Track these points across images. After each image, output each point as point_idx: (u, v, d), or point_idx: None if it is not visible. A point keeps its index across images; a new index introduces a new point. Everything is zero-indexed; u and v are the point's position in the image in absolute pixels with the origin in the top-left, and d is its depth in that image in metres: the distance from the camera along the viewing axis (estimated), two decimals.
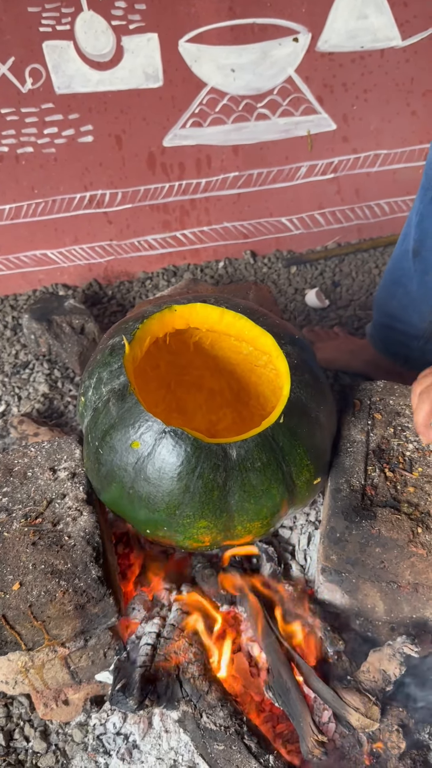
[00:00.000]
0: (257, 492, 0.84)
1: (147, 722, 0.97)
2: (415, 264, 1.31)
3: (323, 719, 0.92)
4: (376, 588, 0.91)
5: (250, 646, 0.99)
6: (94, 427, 0.88)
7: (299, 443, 0.86)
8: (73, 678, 0.96)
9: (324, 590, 0.97)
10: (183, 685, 0.90)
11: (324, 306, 1.83)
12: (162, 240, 1.93)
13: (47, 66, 1.51)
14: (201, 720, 0.88)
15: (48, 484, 0.96)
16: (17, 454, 1.01)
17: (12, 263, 1.87)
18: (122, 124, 1.65)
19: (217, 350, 1.07)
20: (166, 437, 0.82)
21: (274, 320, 0.97)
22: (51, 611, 0.84)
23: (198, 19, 1.50)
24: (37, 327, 1.66)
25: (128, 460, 0.84)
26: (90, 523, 0.91)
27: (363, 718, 0.87)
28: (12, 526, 0.91)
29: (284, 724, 0.95)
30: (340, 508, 0.90)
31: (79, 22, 1.46)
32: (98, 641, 0.93)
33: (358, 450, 0.97)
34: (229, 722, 0.87)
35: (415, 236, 1.28)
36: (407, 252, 1.32)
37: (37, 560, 0.86)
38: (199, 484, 0.82)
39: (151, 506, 0.84)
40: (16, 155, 1.64)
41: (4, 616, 0.83)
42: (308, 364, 0.93)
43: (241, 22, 1.52)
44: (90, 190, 1.76)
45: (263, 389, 1.10)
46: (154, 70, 1.57)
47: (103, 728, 0.99)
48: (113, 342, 0.92)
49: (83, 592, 0.85)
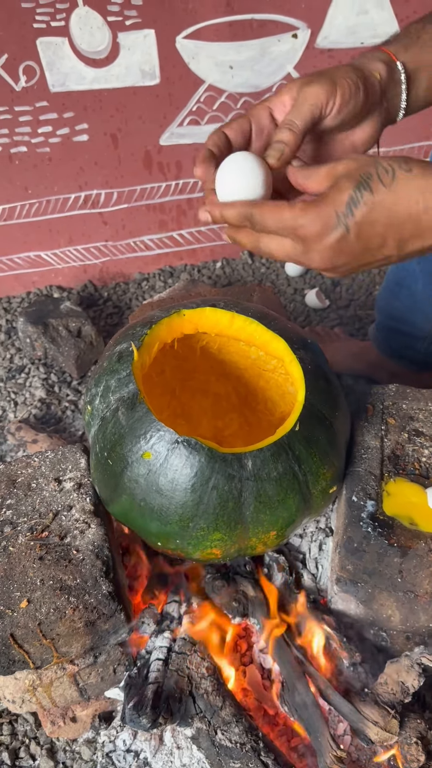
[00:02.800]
0: (273, 503, 0.81)
1: (158, 739, 0.94)
2: (419, 264, 1.29)
3: (338, 732, 0.90)
4: (393, 598, 0.89)
5: (262, 658, 0.97)
6: (102, 437, 0.85)
7: (315, 451, 0.84)
8: (81, 695, 0.93)
9: (338, 600, 0.95)
10: (196, 700, 0.88)
11: (324, 306, 1.81)
12: (158, 240, 1.90)
13: (41, 63, 1.48)
14: (216, 737, 0.86)
15: (53, 496, 0.93)
16: (20, 465, 0.98)
17: (5, 265, 1.83)
18: (118, 122, 1.61)
19: (224, 354, 1.05)
20: (178, 447, 0.79)
21: (285, 324, 0.94)
22: (60, 629, 0.81)
23: (195, 15, 1.47)
24: (33, 330, 1.63)
25: (139, 471, 0.81)
26: (98, 536, 0.88)
27: (382, 732, 0.85)
28: (17, 540, 0.88)
29: (299, 738, 0.93)
30: (357, 517, 0.88)
31: (74, 18, 1.43)
32: (108, 657, 0.90)
33: (372, 456, 0.95)
34: (245, 738, 0.85)
35: None
36: None
37: (45, 576, 0.83)
38: (213, 495, 0.79)
39: (164, 519, 0.81)
40: (10, 155, 1.61)
41: (12, 635, 0.80)
42: (322, 369, 0.90)
43: (239, 18, 1.49)
44: (85, 190, 1.72)
45: (271, 394, 1.08)
46: (151, 68, 1.53)
47: (113, 745, 0.97)
48: (120, 348, 0.89)
49: (94, 609, 0.82)
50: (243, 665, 0.96)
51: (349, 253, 0.68)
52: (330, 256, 0.68)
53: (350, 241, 0.67)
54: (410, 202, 0.65)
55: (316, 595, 1.01)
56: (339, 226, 0.66)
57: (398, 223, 0.66)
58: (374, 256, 0.69)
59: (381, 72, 0.77)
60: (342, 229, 0.66)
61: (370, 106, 0.77)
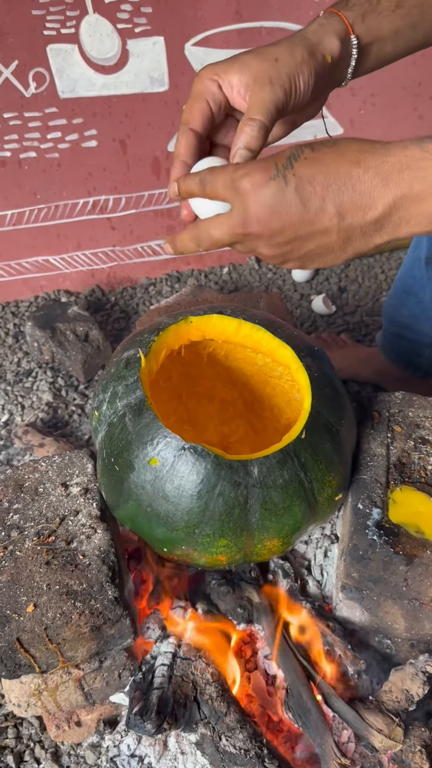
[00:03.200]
0: (279, 510, 0.81)
1: (162, 744, 0.94)
2: (427, 272, 1.29)
3: (342, 739, 0.90)
4: (398, 605, 0.89)
5: (267, 664, 0.97)
6: (109, 443, 0.86)
7: (321, 459, 0.84)
8: (86, 699, 0.93)
9: (343, 607, 0.95)
10: (201, 706, 0.88)
11: (331, 312, 1.81)
12: (165, 247, 1.90)
13: (51, 70, 1.49)
14: (220, 743, 0.86)
15: (60, 501, 0.94)
16: (27, 469, 0.99)
17: (14, 269, 1.84)
18: (127, 128, 1.62)
19: (231, 361, 1.05)
20: (185, 454, 0.79)
21: (292, 331, 0.95)
22: (66, 633, 0.82)
23: (204, 22, 1.48)
24: (41, 334, 1.64)
25: (146, 477, 0.82)
26: (105, 541, 0.88)
27: (386, 740, 0.85)
28: (24, 545, 0.88)
29: (303, 745, 0.93)
30: (362, 524, 0.88)
31: (84, 25, 1.44)
32: (113, 662, 0.91)
33: (378, 464, 0.95)
34: (249, 745, 0.85)
35: (427, 244, 1.26)
36: (419, 260, 1.30)
37: (52, 580, 0.84)
38: (219, 502, 0.79)
39: (170, 525, 0.82)
40: (19, 160, 1.62)
41: (18, 639, 0.80)
42: (328, 377, 0.91)
43: (248, 25, 1.50)
44: (93, 195, 1.73)
45: (277, 400, 1.08)
46: (160, 74, 1.54)
47: (117, 750, 0.97)
48: (128, 355, 0.90)
49: (99, 614, 0.83)
50: (247, 671, 0.96)
51: (286, 214, 0.65)
52: (267, 213, 0.65)
53: (287, 196, 0.64)
54: (350, 162, 0.63)
55: (321, 601, 1.01)
56: (277, 176, 0.64)
57: (337, 183, 0.63)
58: (313, 225, 0.65)
59: (334, 54, 0.75)
60: (280, 180, 0.64)
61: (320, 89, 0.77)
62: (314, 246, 0.68)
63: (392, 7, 0.79)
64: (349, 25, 0.76)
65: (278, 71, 0.71)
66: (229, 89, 0.74)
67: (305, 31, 0.76)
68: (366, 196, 0.63)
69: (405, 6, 0.80)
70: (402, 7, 0.80)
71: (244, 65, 0.72)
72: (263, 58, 0.72)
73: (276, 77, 0.71)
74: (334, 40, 0.75)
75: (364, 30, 0.78)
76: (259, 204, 0.65)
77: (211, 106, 0.75)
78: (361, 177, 0.63)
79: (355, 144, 0.65)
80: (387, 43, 0.81)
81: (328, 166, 0.64)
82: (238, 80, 0.73)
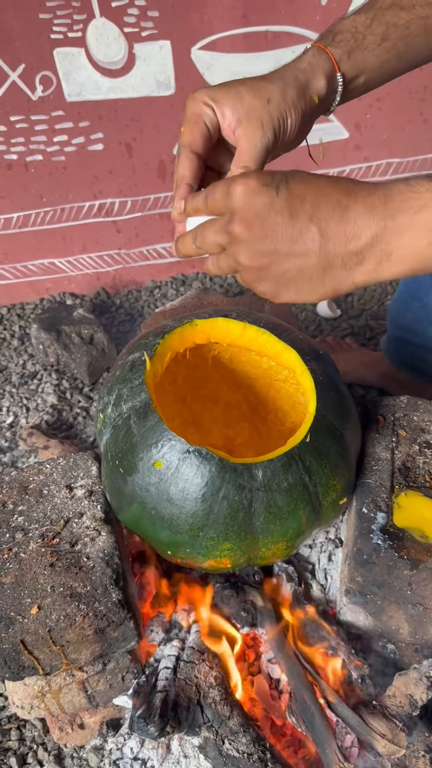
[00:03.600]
0: (283, 513, 0.81)
1: (165, 747, 0.94)
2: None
3: (345, 744, 0.89)
4: (402, 610, 0.89)
5: (270, 668, 0.97)
6: (114, 445, 0.86)
7: (326, 462, 0.84)
8: (90, 702, 0.93)
9: (347, 611, 0.95)
10: (204, 710, 0.88)
11: (335, 316, 1.81)
12: (171, 248, 1.91)
13: (58, 73, 1.50)
14: (223, 746, 0.86)
15: (65, 503, 0.94)
16: (32, 471, 0.99)
17: (19, 272, 1.85)
18: (133, 131, 1.63)
19: (236, 364, 1.05)
20: (189, 457, 0.79)
21: (297, 335, 0.95)
22: (70, 636, 0.82)
23: (211, 26, 1.48)
24: (46, 337, 1.64)
25: (150, 480, 0.82)
26: (109, 543, 0.88)
27: (390, 745, 0.85)
28: (29, 547, 0.88)
29: (306, 749, 0.93)
30: (367, 529, 0.88)
31: (90, 29, 1.44)
32: (117, 665, 0.91)
33: (383, 468, 0.95)
34: (252, 749, 0.85)
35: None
36: None
37: (56, 582, 0.84)
38: (223, 505, 0.79)
39: (174, 528, 0.82)
40: (25, 163, 1.62)
41: (22, 641, 0.80)
42: (333, 380, 0.91)
43: (254, 29, 1.50)
44: (99, 198, 1.74)
45: (282, 404, 1.08)
46: (166, 78, 1.55)
47: (120, 753, 0.97)
48: (133, 357, 0.90)
49: (103, 616, 0.83)
50: (251, 675, 0.96)
51: (271, 222, 0.65)
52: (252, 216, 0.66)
53: (276, 205, 0.65)
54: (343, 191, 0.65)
55: (325, 606, 1.01)
56: (271, 185, 0.65)
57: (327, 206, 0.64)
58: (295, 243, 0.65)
59: (321, 94, 0.78)
60: (272, 189, 0.65)
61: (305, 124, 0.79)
62: (292, 266, 0.68)
63: (378, 41, 0.81)
64: (335, 63, 0.78)
65: (269, 113, 0.73)
66: (222, 119, 0.76)
67: (297, 68, 0.78)
68: (351, 223, 0.64)
69: (390, 39, 0.81)
70: (387, 40, 0.81)
71: (237, 99, 0.74)
72: (256, 94, 0.73)
73: (267, 120, 0.73)
74: (322, 80, 0.77)
75: (349, 66, 0.80)
76: (248, 206, 0.66)
77: (209, 129, 0.77)
78: (349, 205, 0.64)
79: (350, 180, 0.67)
80: (373, 74, 0.83)
81: (322, 189, 0.65)
82: (230, 114, 0.75)
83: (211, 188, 0.71)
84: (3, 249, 1.79)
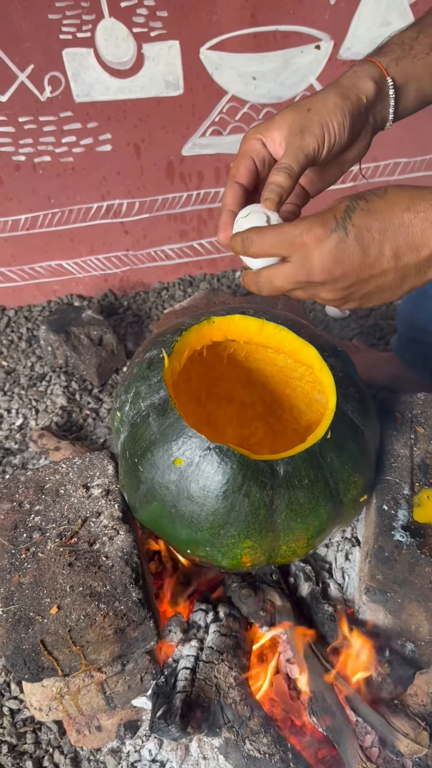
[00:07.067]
0: (304, 510, 0.81)
1: (184, 749, 0.93)
2: None
3: (366, 743, 0.88)
4: (422, 608, 0.88)
5: (289, 668, 0.96)
6: (132, 443, 0.85)
7: (346, 459, 0.83)
8: (108, 704, 0.92)
9: (366, 610, 0.94)
10: (224, 710, 0.87)
11: (344, 316, 1.80)
12: (179, 250, 1.90)
13: (67, 74, 1.49)
14: (244, 747, 0.85)
15: (81, 502, 0.93)
16: (48, 471, 0.98)
17: (27, 274, 1.84)
18: (141, 132, 1.62)
19: (251, 362, 1.05)
20: (210, 454, 0.79)
21: (314, 331, 0.94)
22: (90, 636, 0.81)
23: (220, 26, 1.48)
24: (55, 339, 1.64)
25: (170, 477, 0.81)
26: (127, 542, 0.88)
27: (412, 744, 0.84)
28: (47, 546, 0.87)
29: (326, 749, 0.92)
30: (388, 526, 0.87)
31: (99, 29, 1.44)
32: (135, 665, 0.90)
33: (402, 465, 0.94)
34: (274, 749, 0.84)
35: None
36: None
37: (75, 582, 0.83)
38: (245, 502, 0.79)
39: (194, 526, 0.81)
40: (34, 164, 1.62)
41: (42, 641, 0.79)
42: (352, 377, 0.90)
43: (263, 29, 1.50)
44: (107, 199, 1.73)
45: (297, 402, 1.07)
46: (175, 78, 1.54)
47: (138, 755, 0.96)
48: (150, 355, 0.89)
49: (124, 616, 0.82)
50: (271, 675, 0.95)
51: (348, 261, 0.69)
52: (330, 262, 0.69)
53: (349, 245, 0.68)
54: (402, 208, 0.68)
55: (343, 605, 1.00)
56: (338, 228, 0.68)
57: (393, 228, 0.68)
58: (373, 269, 0.69)
59: (369, 94, 0.80)
60: (341, 231, 0.68)
61: (359, 130, 0.81)
62: (373, 287, 0.72)
63: (426, 50, 0.83)
64: (383, 68, 0.81)
65: (310, 120, 0.77)
66: (272, 144, 0.80)
67: (338, 80, 0.81)
68: (419, 237, 0.68)
69: None
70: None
71: (282, 120, 0.78)
72: (297, 109, 0.78)
73: (307, 126, 0.76)
74: (368, 82, 0.80)
75: (399, 72, 0.82)
76: (324, 255, 0.68)
77: (255, 163, 0.81)
78: (412, 221, 0.68)
79: (406, 192, 0.69)
80: (424, 82, 0.84)
81: (383, 214, 0.68)
82: (278, 135, 0.78)
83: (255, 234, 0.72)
84: (11, 251, 1.78)
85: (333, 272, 0.69)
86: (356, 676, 0.91)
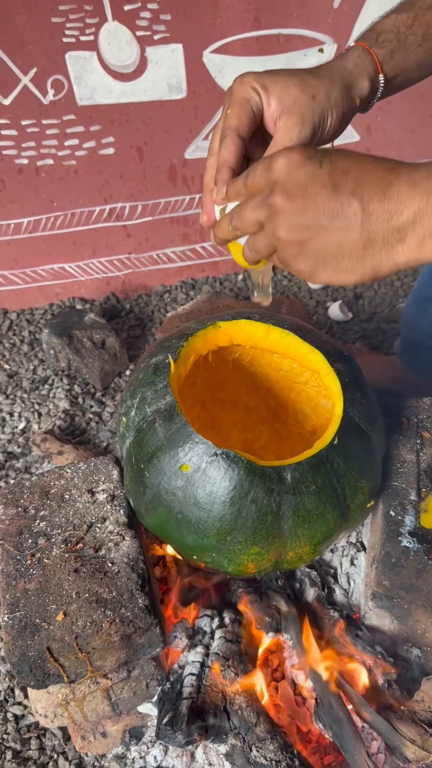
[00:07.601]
0: (312, 517, 0.80)
1: (190, 755, 0.93)
2: None
3: (372, 750, 0.88)
4: (429, 614, 0.88)
5: (294, 674, 0.96)
6: (138, 449, 0.85)
7: (353, 465, 0.83)
8: (113, 710, 0.92)
9: (372, 615, 0.94)
10: (230, 717, 0.87)
11: (347, 319, 1.80)
12: (181, 253, 1.90)
13: (70, 77, 1.49)
14: (251, 754, 0.84)
15: (87, 508, 0.93)
16: (53, 476, 0.98)
17: (29, 277, 1.84)
18: (144, 135, 1.62)
19: (256, 367, 1.04)
20: (217, 460, 0.78)
21: (320, 336, 0.94)
22: (96, 642, 0.81)
23: (223, 29, 1.48)
24: (57, 342, 1.63)
25: (177, 483, 0.81)
26: (133, 548, 0.87)
27: (419, 751, 0.84)
28: (52, 552, 0.87)
29: (332, 755, 0.92)
30: (395, 531, 0.87)
31: (103, 32, 1.44)
32: (141, 672, 0.89)
33: (408, 471, 0.94)
34: (280, 756, 0.84)
35: None
36: None
37: (81, 588, 0.83)
38: (252, 508, 0.78)
39: (201, 532, 0.81)
40: (36, 167, 1.62)
41: (48, 648, 0.79)
42: (358, 382, 0.90)
43: (266, 32, 1.50)
44: (110, 202, 1.73)
45: (302, 406, 1.07)
46: (178, 81, 1.54)
47: (143, 761, 0.96)
48: (156, 360, 0.89)
49: (130, 622, 0.81)
50: (275, 681, 0.95)
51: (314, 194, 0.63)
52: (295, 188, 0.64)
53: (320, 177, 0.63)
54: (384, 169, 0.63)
55: (349, 610, 1.00)
56: (315, 157, 0.64)
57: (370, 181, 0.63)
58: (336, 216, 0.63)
59: (363, 95, 0.79)
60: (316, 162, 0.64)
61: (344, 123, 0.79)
62: (332, 242, 0.65)
63: (418, 41, 0.82)
64: (378, 64, 0.79)
65: (312, 110, 0.74)
66: (267, 107, 0.75)
67: (344, 68, 0.78)
68: (394, 200, 0.62)
69: (430, 40, 0.82)
70: (427, 41, 0.82)
71: (285, 90, 0.73)
72: (303, 89, 0.73)
73: (309, 116, 0.74)
74: (365, 82, 0.79)
75: (391, 67, 0.81)
76: (290, 177, 0.65)
77: (255, 114, 0.75)
78: (392, 181, 0.62)
79: (393, 159, 0.66)
80: (411, 74, 0.84)
81: (365, 165, 0.64)
82: (276, 104, 0.74)
83: (252, 167, 0.69)
84: (13, 254, 1.78)
85: (295, 200, 0.64)
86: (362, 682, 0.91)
